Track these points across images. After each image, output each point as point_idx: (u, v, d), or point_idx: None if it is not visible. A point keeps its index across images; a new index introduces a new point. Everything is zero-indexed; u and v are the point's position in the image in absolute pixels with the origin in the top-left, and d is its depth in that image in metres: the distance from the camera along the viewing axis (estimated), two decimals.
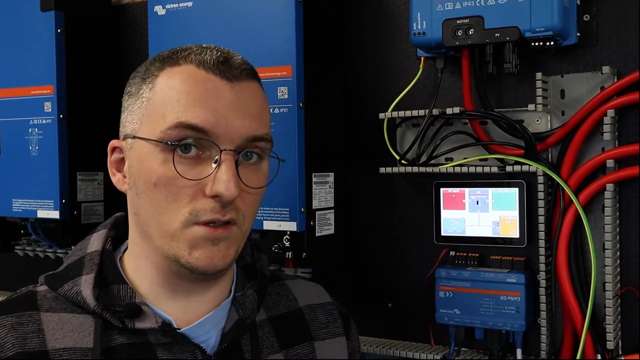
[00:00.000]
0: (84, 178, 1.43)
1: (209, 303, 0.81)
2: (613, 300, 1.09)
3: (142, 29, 1.52)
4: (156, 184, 0.74)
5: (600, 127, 1.10)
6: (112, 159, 0.82)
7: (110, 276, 0.79)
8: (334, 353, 0.90)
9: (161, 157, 0.74)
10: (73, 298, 0.77)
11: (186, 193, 0.74)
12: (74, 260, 0.81)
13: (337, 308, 0.95)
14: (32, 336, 0.74)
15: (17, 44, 1.42)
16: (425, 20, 1.14)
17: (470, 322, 1.18)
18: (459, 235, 1.22)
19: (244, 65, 0.79)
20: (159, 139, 0.74)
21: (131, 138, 0.78)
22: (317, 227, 1.18)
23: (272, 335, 0.85)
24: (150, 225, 0.76)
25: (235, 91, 0.76)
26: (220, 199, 0.73)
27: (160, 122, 0.75)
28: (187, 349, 0.77)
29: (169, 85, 0.76)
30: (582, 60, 1.14)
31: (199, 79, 0.75)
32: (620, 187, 1.13)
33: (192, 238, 0.74)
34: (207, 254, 0.74)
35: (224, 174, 0.73)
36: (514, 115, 1.18)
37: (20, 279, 1.65)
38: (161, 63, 0.78)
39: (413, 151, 1.23)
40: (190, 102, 0.74)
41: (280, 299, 0.90)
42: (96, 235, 0.83)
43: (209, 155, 0.74)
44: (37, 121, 1.40)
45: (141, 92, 0.78)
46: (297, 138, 1.13)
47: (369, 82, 1.32)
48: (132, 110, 0.79)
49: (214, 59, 0.76)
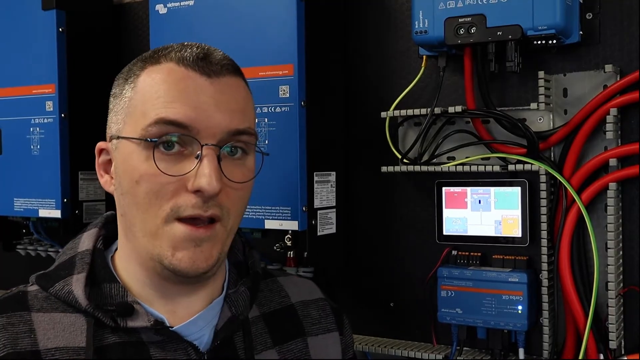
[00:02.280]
0: (85, 177, 1.43)
1: (201, 301, 0.81)
2: (615, 299, 1.09)
3: (143, 28, 1.52)
4: (138, 182, 0.74)
5: (603, 125, 1.09)
6: (100, 161, 0.82)
7: (102, 275, 0.79)
8: (327, 348, 0.90)
9: (144, 155, 0.74)
10: (65, 297, 0.76)
11: (168, 190, 0.73)
12: (64, 260, 0.81)
13: (329, 304, 0.95)
14: (24, 336, 0.73)
15: (18, 43, 1.42)
16: (427, 19, 1.13)
17: (472, 322, 1.17)
18: (461, 234, 1.22)
19: (224, 60, 0.79)
20: (141, 136, 0.74)
21: (116, 139, 0.78)
22: (318, 226, 1.18)
23: (265, 331, 0.85)
24: (135, 224, 0.76)
25: (215, 87, 0.76)
26: (202, 194, 0.73)
27: (141, 120, 0.75)
28: (180, 347, 0.77)
29: (149, 83, 0.76)
30: (585, 58, 1.14)
31: (179, 76, 0.75)
32: (623, 186, 1.12)
33: (174, 237, 0.73)
34: (190, 255, 0.74)
35: (206, 168, 0.72)
36: (516, 114, 1.18)
37: (21, 278, 1.65)
38: (143, 63, 0.79)
39: (415, 150, 1.23)
40: (170, 98, 0.74)
41: (272, 296, 0.90)
42: (87, 234, 0.83)
43: (190, 151, 0.74)
44: (38, 120, 1.40)
45: (124, 93, 0.79)
46: (299, 137, 1.13)
47: (371, 81, 1.32)
48: (116, 111, 0.80)
49: (194, 55, 0.76)
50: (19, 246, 1.56)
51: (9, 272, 1.71)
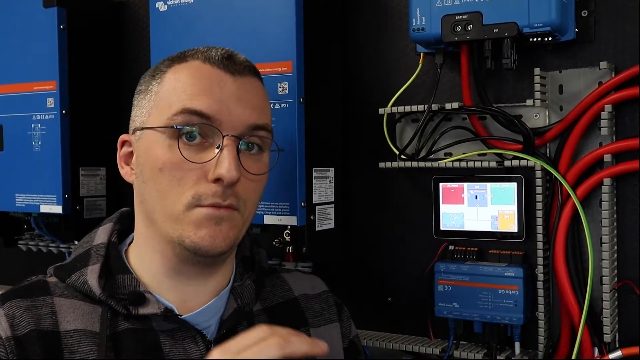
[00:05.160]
0: (86, 173, 1.44)
1: (209, 292, 0.84)
2: (610, 293, 1.10)
3: (143, 25, 1.53)
4: (162, 169, 0.78)
5: (598, 122, 1.10)
6: (122, 153, 0.86)
7: (115, 267, 0.82)
8: (331, 339, 0.92)
9: (167, 144, 0.78)
10: (80, 288, 0.80)
11: (190, 177, 0.77)
12: (80, 253, 0.84)
13: (332, 296, 0.98)
14: (46, 317, 0.77)
15: (19, 39, 1.43)
16: (424, 16, 1.14)
17: (468, 316, 1.19)
18: (457, 229, 1.23)
19: (246, 63, 0.84)
20: (166, 125, 0.78)
21: (139, 130, 0.82)
22: (317, 221, 1.19)
23: (268, 323, 0.87)
24: (155, 210, 0.80)
25: (238, 84, 0.81)
26: (222, 182, 0.77)
27: (167, 111, 0.79)
28: (189, 334, 0.80)
29: (176, 78, 0.81)
30: (580, 55, 1.15)
31: (204, 72, 0.80)
32: (618, 182, 1.13)
33: (196, 218, 0.77)
34: (211, 233, 0.77)
35: (226, 157, 0.76)
36: (512, 110, 1.19)
37: (23, 273, 1.66)
38: (170, 61, 0.84)
39: (412, 146, 1.24)
40: (195, 91, 0.79)
41: (275, 290, 0.92)
42: (102, 228, 0.87)
43: (212, 142, 0.79)
44: (39, 117, 1.41)
45: (150, 88, 0.83)
46: (298, 133, 1.14)
47: (369, 78, 1.33)
48: (141, 105, 0.84)
49: (219, 55, 0.82)
50: (20, 242, 1.57)
51: (10, 267, 1.73)
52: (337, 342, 0.93)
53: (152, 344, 0.78)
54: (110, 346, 0.76)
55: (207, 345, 0.80)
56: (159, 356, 0.77)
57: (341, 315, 0.97)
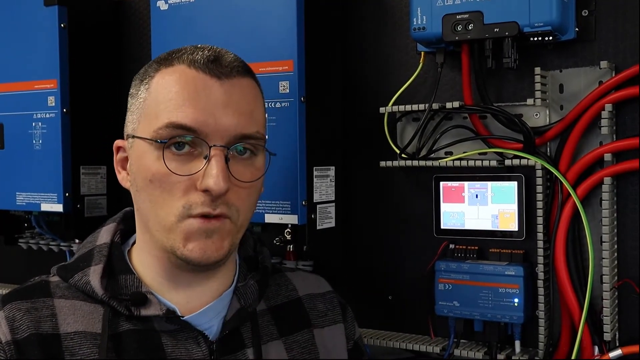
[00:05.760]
0: (87, 172, 1.44)
1: (211, 293, 0.83)
2: (610, 292, 1.11)
3: (144, 24, 1.53)
4: (152, 181, 0.77)
5: (598, 121, 1.11)
6: (118, 158, 0.85)
7: (118, 267, 0.82)
8: (334, 340, 0.92)
9: (155, 155, 0.77)
10: (83, 288, 0.80)
11: (179, 188, 0.76)
12: (84, 253, 0.84)
13: (337, 297, 0.97)
14: (46, 320, 0.77)
15: (20, 38, 1.43)
16: (425, 15, 1.15)
17: (469, 314, 1.19)
18: (458, 228, 1.23)
19: (235, 62, 0.81)
20: (152, 137, 0.77)
21: (131, 137, 0.81)
22: (318, 220, 1.19)
23: (271, 323, 0.87)
24: (150, 219, 0.79)
25: (225, 88, 0.78)
26: (210, 193, 0.76)
27: (154, 122, 0.78)
28: (191, 335, 0.79)
29: (162, 85, 0.79)
30: (581, 55, 1.15)
31: (189, 78, 0.78)
32: (618, 181, 1.14)
33: (187, 230, 0.76)
34: (201, 246, 0.77)
35: (213, 168, 0.75)
36: (512, 109, 1.19)
37: (23, 272, 1.67)
38: (157, 64, 0.82)
39: (413, 145, 1.24)
40: (180, 101, 0.77)
41: (280, 290, 0.92)
42: (105, 228, 0.86)
43: (200, 151, 0.77)
44: (40, 115, 1.41)
45: (139, 93, 0.82)
46: (299, 132, 1.14)
47: (370, 77, 1.33)
48: (132, 110, 0.83)
49: (204, 57, 0.79)
50: (21, 240, 1.57)
51: (10, 266, 1.73)
52: (341, 344, 0.93)
53: (154, 345, 0.78)
54: (111, 347, 0.76)
55: (209, 346, 0.79)
56: (161, 357, 0.77)
57: (345, 316, 0.97)
